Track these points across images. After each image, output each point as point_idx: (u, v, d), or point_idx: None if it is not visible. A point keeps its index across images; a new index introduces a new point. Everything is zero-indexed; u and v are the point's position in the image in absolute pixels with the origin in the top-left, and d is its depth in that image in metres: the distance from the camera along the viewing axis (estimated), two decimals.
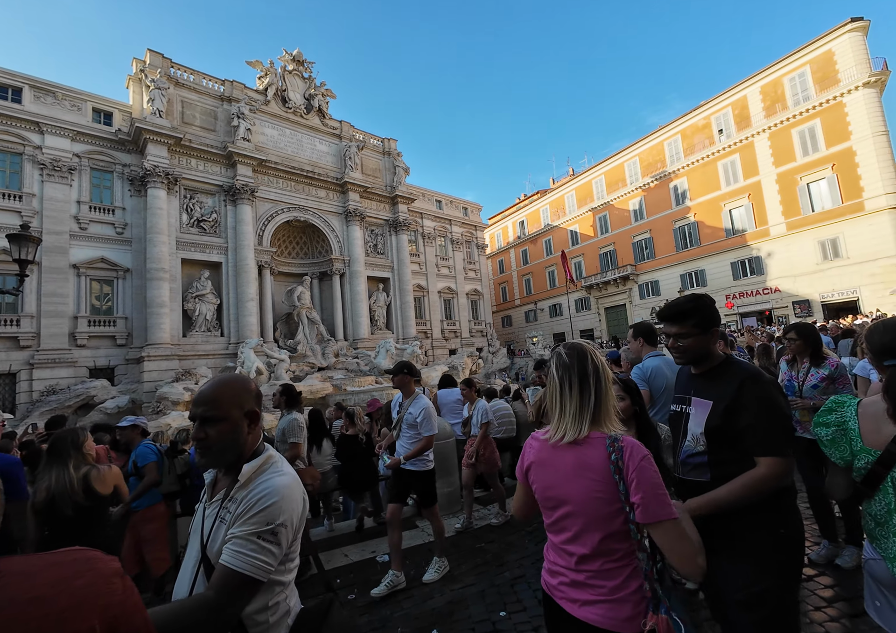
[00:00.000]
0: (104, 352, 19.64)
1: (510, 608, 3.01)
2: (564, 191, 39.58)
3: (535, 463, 1.47)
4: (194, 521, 1.38)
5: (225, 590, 1.11)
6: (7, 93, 18.46)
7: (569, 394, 1.43)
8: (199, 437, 1.28)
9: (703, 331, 1.77)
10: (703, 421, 1.73)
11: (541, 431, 1.55)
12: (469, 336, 34.60)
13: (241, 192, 21.98)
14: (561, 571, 1.40)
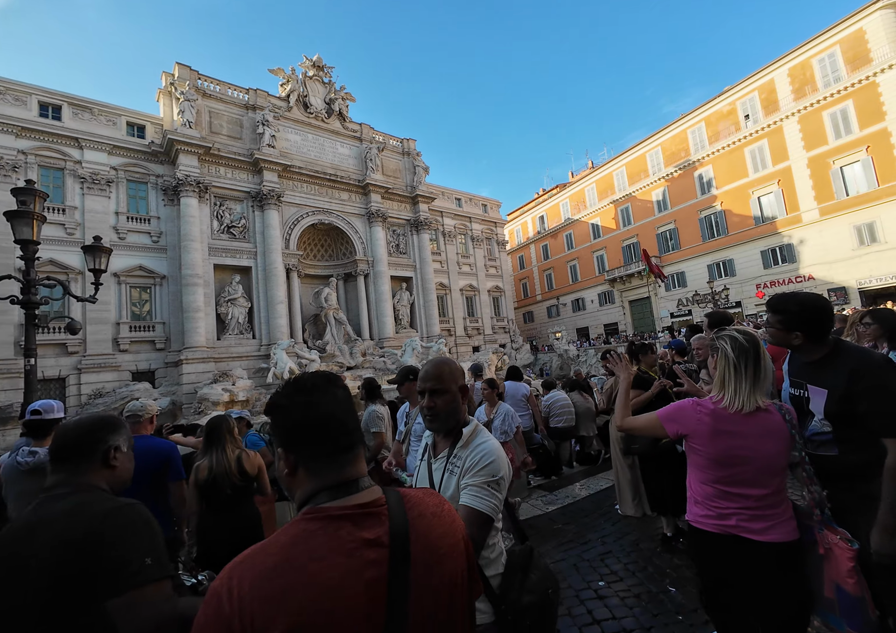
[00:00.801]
0: (145, 356, 20.51)
1: (607, 579, 3.23)
2: (584, 184, 39.16)
3: (715, 432, 1.73)
4: (418, 474, 1.73)
5: (473, 526, 1.35)
6: (48, 111, 19.41)
7: (743, 372, 1.72)
8: (430, 406, 1.61)
9: (785, 328, 1.92)
10: (821, 408, 1.89)
11: (706, 402, 1.80)
12: (491, 333, 34.67)
13: (267, 197, 22.56)
14: (736, 511, 1.70)
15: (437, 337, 27.89)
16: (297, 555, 0.78)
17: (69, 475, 1.20)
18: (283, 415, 0.93)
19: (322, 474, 0.90)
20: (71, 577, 1.00)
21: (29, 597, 0.99)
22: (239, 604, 0.71)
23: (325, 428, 0.91)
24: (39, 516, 1.10)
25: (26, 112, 18.81)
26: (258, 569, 0.76)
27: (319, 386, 0.94)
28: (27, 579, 1.00)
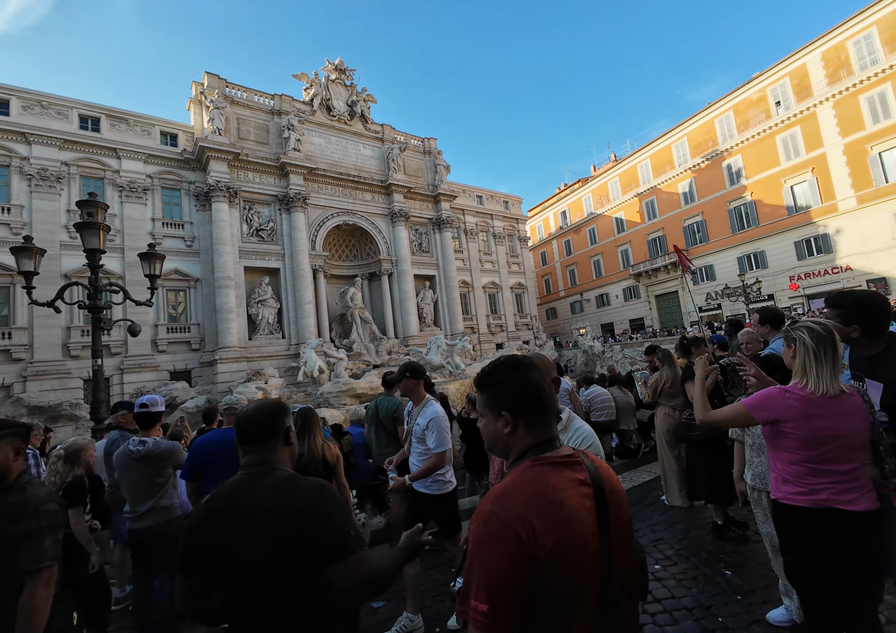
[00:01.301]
0: (181, 356, 21.32)
1: (662, 563, 3.34)
2: (607, 178, 38.60)
3: (806, 415, 1.89)
4: None
5: None
6: (87, 123, 20.35)
7: (823, 359, 1.87)
8: None
9: (843, 322, 2.02)
10: (878, 400, 2.03)
11: (793, 389, 1.95)
12: (515, 330, 34.62)
13: (294, 200, 23.09)
14: (827, 486, 1.87)
15: (462, 334, 28.04)
16: (545, 486, 1.03)
17: (262, 454, 1.37)
18: (504, 387, 1.19)
19: (537, 432, 1.16)
20: (289, 541, 1.19)
21: (257, 557, 1.18)
22: (520, 518, 0.96)
23: (540, 396, 1.17)
24: (254, 488, 1.29)
25: (68, 125, 19.77)
26: (522, 495, 1.01)
27: (527, 365, 1.21)
28: (252, 541, 1.20)
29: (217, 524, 1.27)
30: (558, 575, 0.95)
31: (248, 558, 1.20)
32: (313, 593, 1.21)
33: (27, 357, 18.14)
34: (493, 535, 0.96)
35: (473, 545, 0.98)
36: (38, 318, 18.30)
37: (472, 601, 0.94)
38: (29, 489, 1.81)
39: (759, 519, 2.83)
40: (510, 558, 0.93)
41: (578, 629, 0.97)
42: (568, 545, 0.97)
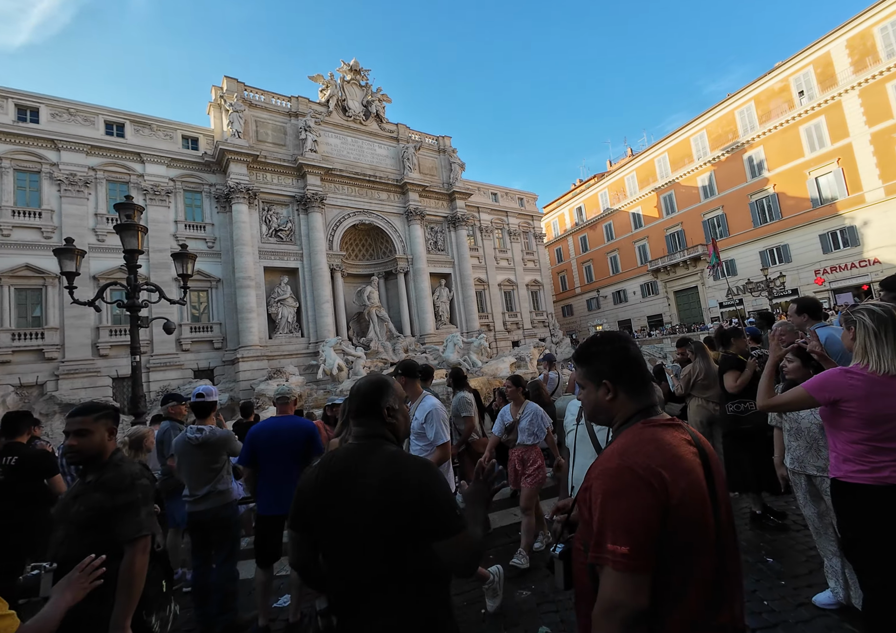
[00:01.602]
0: (204, 355, 21.81)
1: None
2: (624, 172, 38.13)
3: (869, 394, 1.95)
4: (577, 434, 1.97)
5: None
6: (113, 129, 20.92)
7: (884, 340, 1.95)
8: None
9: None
10: None
11: (855, 369, 2.00)
12: (531, 327, 34.49)
13: (311, 200, 23.39)
14: (889, 464, 1.92)
15: (477, 332, 28.07)
16: (663, 443, 1.13)
17: (369, 428, 1.45)
18: (603, 358, 1.29)
19: (639, 399, 1.25)
20: (395, 512, 1.26)
21: (364, 520, 1.27)
22: (650, 470, 1.06)
23: (639, 366, 1.28)
24: (365, 457, 1.37)
25: (94, 131, 20.36)
26: (646, 451, 1.10)
27: (622, 338, 1.32)
28: (361, 507, 1.28)
29: (329, 486, 1.36)
30: (684, 521, 1.04)
31: (355, 521, 1.28)
32: (413, 563, 1.28)
33: (59, 356, 18.77)
34: (626, 486, 1.06)
35: (605, 497, 1.07)
36: (69, 319, 18.93)
37: (609, 546, 1.03)
38: (123, 466, 1.97)
39: (801, 503, 2.84)
40: (645, 505, 1.03)
41: (701, 571, 1.06)
42: (691, 494, 1.07)
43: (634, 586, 1.00)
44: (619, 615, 1.00)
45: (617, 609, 1.00)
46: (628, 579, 1.01)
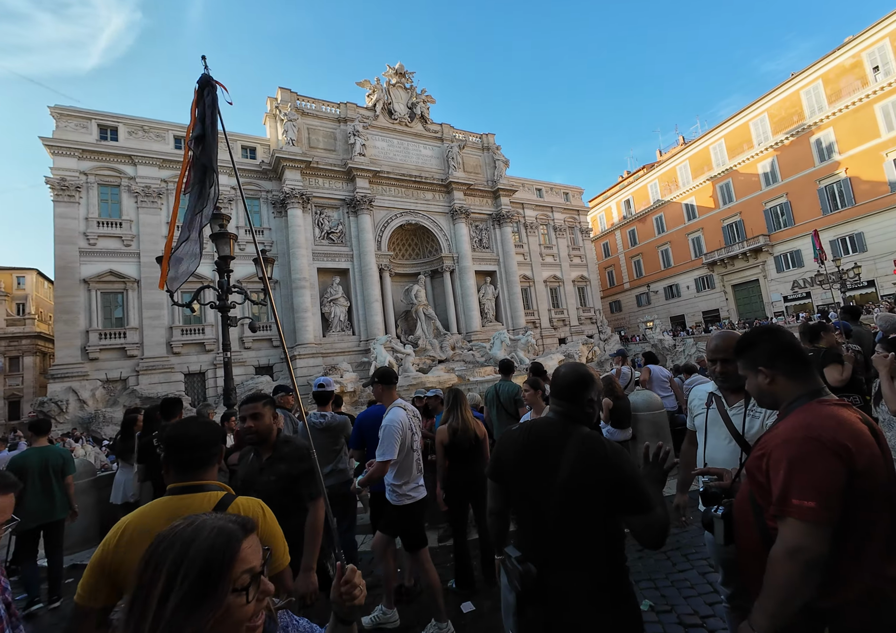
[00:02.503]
0: (264, 353, 23.08)
1: None
2: (675, 162, 36.53)
3: None
4: (708, 418, 2.12)
5: None
6: (180, 142, 22.47)
7: None
8: (723, 371, 2.02)
9: None
10: None
11: None
12: (578, 324, 33.88)
13: (360, 203, 24.15)
14: None
15: (524, 329, 27.96)
16: (843, 419, 1.27)
17: (567, 410, 1.67)
18: (756, 347, 1.46)
19: (801, 381, 1.40)
20: (588, 483, 1.49)
21: (561, 484, 1.50)
22: (836, 442, 1.20)
23: (793, 351, 1.42)
24: (566, 432, 1.60)
25: (165, 146, 22.01)
26: (830, 425, 1.24)
27: (773, 329, 1.48)
28: (560, 473, 1.52)
29: (530, 452, 1.62)
30: (866, 486, 1.20)
31: (550, 484, 1.52)
32: (602, 528, 1.50)
33: (139, 354, 20.52)
34: (813, 453, 1.21)
35: (791, 462, 1.23)
36: (147, 319, 20.63)
37: (794, 501, 1.19)
38: (294, 441, 2.40)
39: None
40: (832, 469, 1.19)
41: (878, 528, 1.22)
42: (872, 464, 1.22)
43: (818, 535, 1.17)
44: (803, 558, 1.17)
45: (800, 553, 1.17)
46: (812, 528, 1.17)
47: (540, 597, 1.49)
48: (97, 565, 1.32)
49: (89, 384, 19.11)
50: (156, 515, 1.39)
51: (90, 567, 1.32)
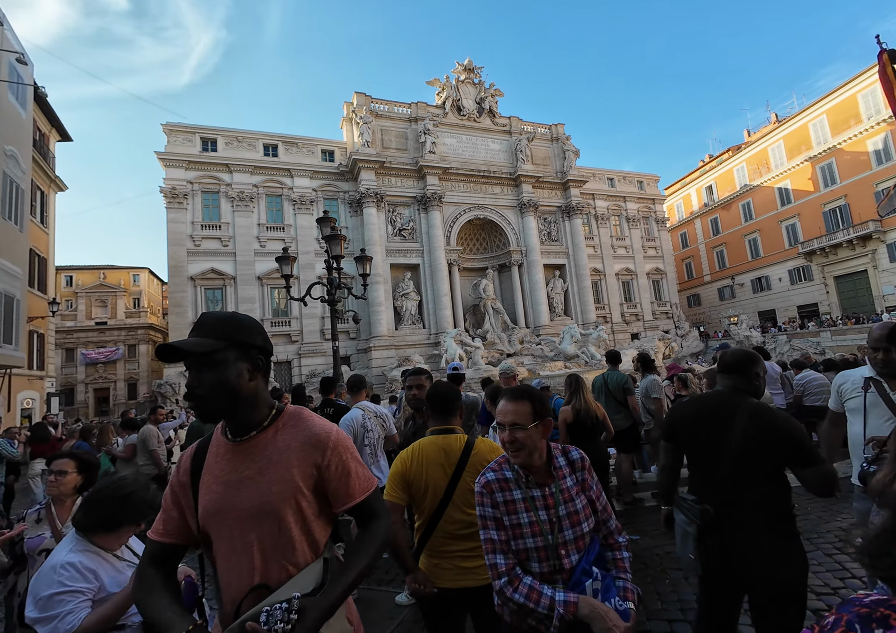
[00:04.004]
0: (342, 344, 24.48)
1: None
2: (767, 142, 33.41)
3: None
4: (867, 401, 2.28)
5: None
6: (269, 150, 24.45)
7: None
8: (886, 360, 2.23)
9: None
10: None
11: None
12: (652, 319, 32.38)
13: (430, 200, 24.80)
14: None
15: (595, 324, 27.29)
16: None
17: (738, 383, 1.97)
18: None
19: None
20: (769, 442, 1.78)
21: (736, 443, 1.81)
22: None
23: None
24: (738, 401, 1.90)
25: (255, 154, 24.02)
26: None
27: None
28: (735, 434, 1.83)
29: (704, 417, 1.96)
30: None
31: (725, 443, 1.83)
32: (773, 477, 1.81)
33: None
34: None
35: None
36: (242, 312, 22.67)
37: None
38: None
39: None
40: None
41: None
42: None
43: None
44: None
45: None
46: None
47: (717, 528, 1.79)
48: (399, 476, 1.87)
49: None
50: (430, 445, 1.92)
51: (394, 477, 1.88)
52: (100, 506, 1.62)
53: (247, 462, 1.18)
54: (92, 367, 33.95)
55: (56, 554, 1.57)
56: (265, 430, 1.22)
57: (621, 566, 1.53)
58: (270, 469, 1.17)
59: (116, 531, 1.65)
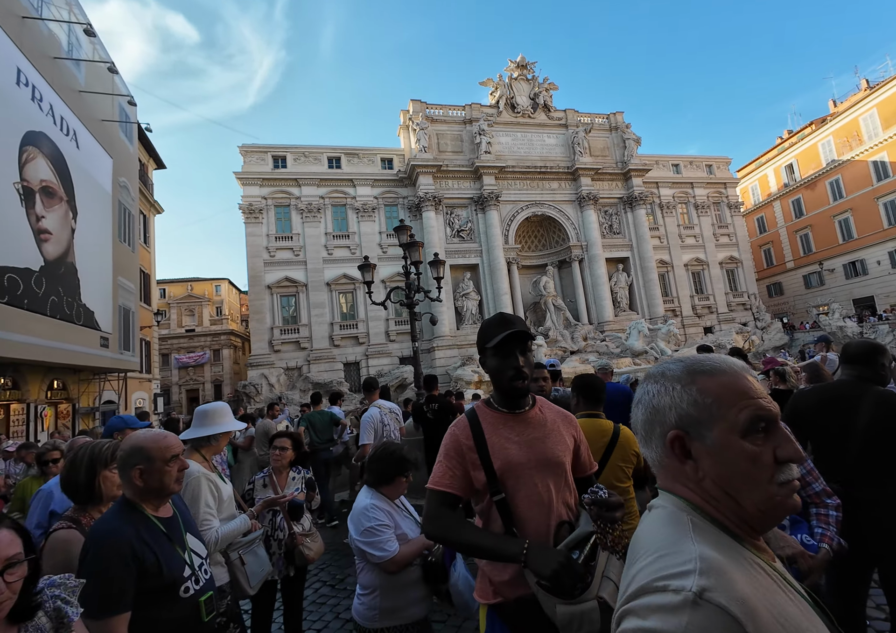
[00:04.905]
0: (406, 345, 25.32)
1: None
2: (858, 111, 30.08)
3: None
4: None
5: None
6: (332, 162, 25.82)
7: None
8: None
9: None
10: None
11: None
12: (727, 311, 30.33)
13: (487, 199, 24.97)
14: None
15: (663, 318, 26.11)
16: None
17: (862, 373, 2.12)
18: None
19: None
20: (888, 427, 1.94)
21: (861, 428, 1.96)
22: None
23: None
24: (862, 390, 2.05)
25: (321, 167, 25.46)
26: None
27: None
28: (860, 419, 1.99)
29: (827, 405, 2.12)
30: None
31: (849, 428, 1.97)
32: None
33: (308, 346, 24.26)
34: None
35: None
36: (314, 317, 24.25)
37: None
38: (560, 398, 3.01)
39: None
40: None
41: None
42: None
43: None
44: None
45: None
46: None
47: (846, 503, 1.90)
48: None
49: (275, 371, 23.22)
50: (586, 426, 2.14)
51: None
52: (378, 465, 2.20)
53: (529, 429, 1.52)
54: (183, 370, 37.60)
55: (360, 501, 2.14)
56: (533, 407, 1.59)
57: (822, 520, 1.77)
58: (553, 434, 1.53)
59: (393, 483, 2.20)
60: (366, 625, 1.98)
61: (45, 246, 9.27)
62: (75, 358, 10.62)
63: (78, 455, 1.75)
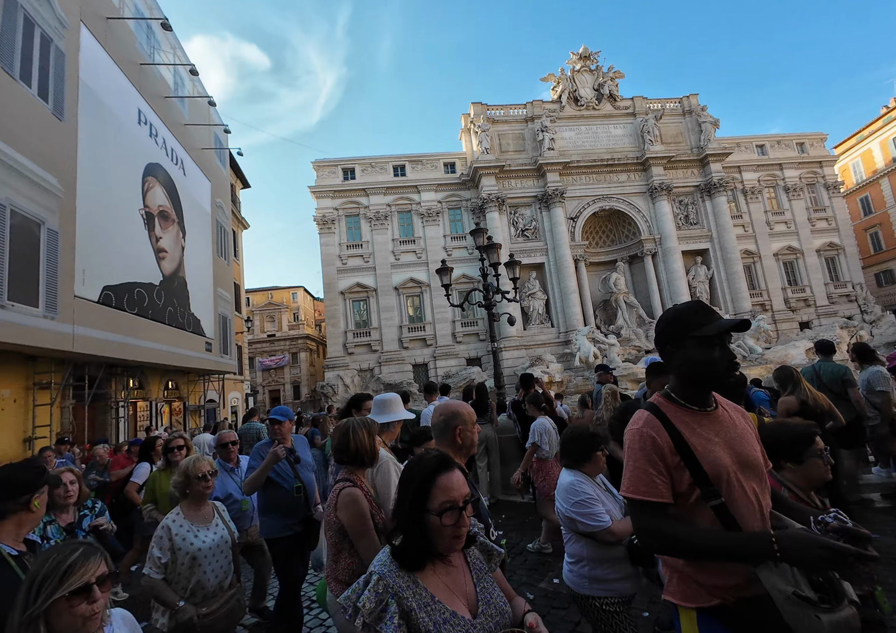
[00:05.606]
0: (473, 346, 25.58)
1: None
2: None
3: None
4: None
5: None
6: (397, 170, 26.72)
7: None
8: None
9: None
10: None
11: None
12: (827, 303, 27.29)
13: (552, 197, 24.52)
14: None
15: (750, 313, 24.10)
16: None
17: None
18: None
19: None
20: None
21: None
22: None
23: None
24: None
25: (386, 176, 26.46)
26: None
27: None
28: None
29: None
30: None
31: None
32: None
33: (379, 349, 25.22)
34: None
35: None
36: (383, 320, 25.20)
37: None
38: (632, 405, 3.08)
39: None
40: None
41: None
42: None
43: None
44: None
45: None
46: None
47: None
48: None
49: (349, 373, 24.43)
50: None
51: None
52: (574, 445, 2.34)
53: (722, 427, 1.40)
54: (266, 372, 40.66)
55: (563, 479, 2.33)
56: (719, 405, 1.46)
57: None
58: (746, 433, 1.43)
59: (592, 459, 2.32)
60: (578, 591, 2.15)
61: (163, 263, 10.60)
62: (188, 361, 12.00)
63: (351, 427, 2.18)
